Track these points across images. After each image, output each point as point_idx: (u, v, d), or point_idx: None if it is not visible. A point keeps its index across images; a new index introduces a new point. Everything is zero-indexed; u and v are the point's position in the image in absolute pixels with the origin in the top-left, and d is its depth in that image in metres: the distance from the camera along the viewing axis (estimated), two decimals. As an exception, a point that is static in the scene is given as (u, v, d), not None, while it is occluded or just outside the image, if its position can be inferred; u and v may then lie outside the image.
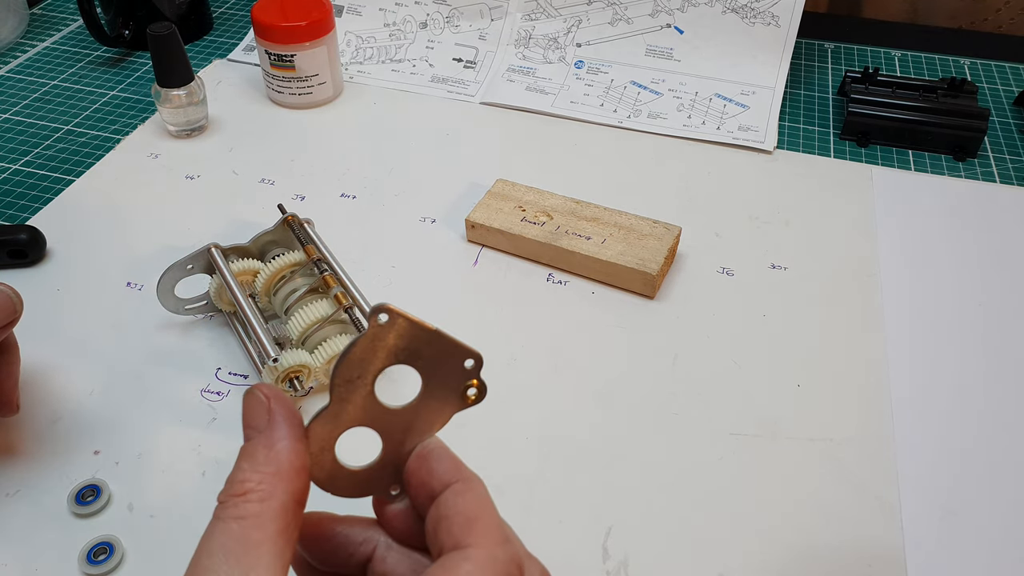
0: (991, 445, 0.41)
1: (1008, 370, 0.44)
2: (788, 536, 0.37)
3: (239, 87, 0.67)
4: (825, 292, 0.49)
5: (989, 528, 0.37)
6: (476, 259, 0.51)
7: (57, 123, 0.64)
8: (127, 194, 0.56)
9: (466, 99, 0.66)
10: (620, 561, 0.36)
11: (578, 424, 0.42)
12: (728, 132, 0.61)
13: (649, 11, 0.66)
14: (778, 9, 0.63)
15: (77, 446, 0.40)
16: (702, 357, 0.45)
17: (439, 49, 0.69)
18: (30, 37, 0.75)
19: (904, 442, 0.41)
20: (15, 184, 0.57)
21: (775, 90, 0.63)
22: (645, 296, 0.48)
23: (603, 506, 0.38)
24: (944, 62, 0.70)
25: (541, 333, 0.46)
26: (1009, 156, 0.60)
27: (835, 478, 0.39)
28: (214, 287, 0.45)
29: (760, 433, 0.41)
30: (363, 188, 0.57)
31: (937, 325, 0.47)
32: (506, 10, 0.69)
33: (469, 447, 0.40)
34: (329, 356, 0.41)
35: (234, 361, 0.45)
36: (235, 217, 0.54)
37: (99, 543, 0.36)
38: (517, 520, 0.37)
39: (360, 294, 0.42)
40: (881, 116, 0.60)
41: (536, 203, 0.52)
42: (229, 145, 0.61)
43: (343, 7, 0.71)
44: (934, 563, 0.36)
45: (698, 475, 0.39)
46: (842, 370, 0.44)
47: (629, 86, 0.65)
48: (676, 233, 0.49)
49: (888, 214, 0.54)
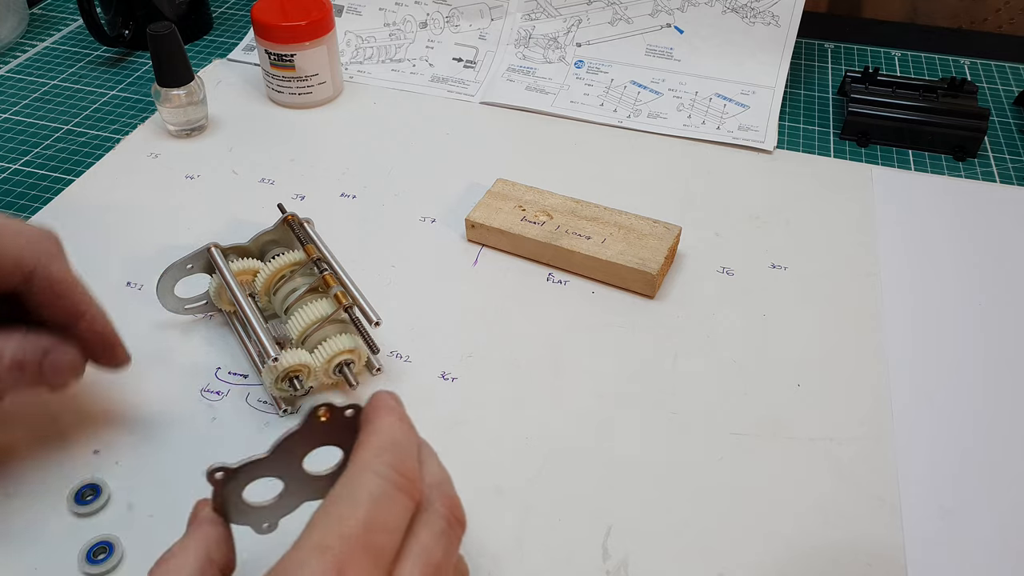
0: (991, 445, 0.41)
1: (1008, 370, 0.44)
2: (788, 536, 0.37)
3: (239, 87, 0.67)
4: (825, 292, 0.49)
5: (988, 527, 0.37)
6: (476, 259, 0.51)
7: (57, 123, 0.64)
8: (127, 194, 0.56)
9: (466, 99, 0.66)
10: (620, 561, 0.36)
11: (578, 424, 0.42)
12: (728, 132, 0.61)
13: (649, 11, 0.66)
14: (778, 9, 0.63)
15: (77, 446, 0.40)
16: (702, 357, 0.45)
17: (439, 49, 0.69)
18: (30, 37, 0.75)
19: (904, 442, 0.41)
20: (15, 184, 0.57)
21: (775, 90, 0.63)
22: (645, 296, 0.48)
23: (603, 506, 0.38)
24: (944, 62, 0.70)
25: (541, 333, 0.46)
26: (1009, 156, 0.60)
27: (835, 478, 0.39)
28: (214, 287, 0.45)
29: (760, 433, 0.41)
30: (363, 188, 0.57)
31: (937, 325, 0.47)
32: (506, 10, 0.69)
33: (469, 447, 0.41)
34: (329, 355, 0.41)
35: (234, 361, 0.45)
36: (235, 217, 0.54)
37: (99, 542, 0.36)
38: (517, 520, 0.38)
39: (360, 294, 0.42)
40: (881, 116, 0.60)
41: (536, 203, 0.52)
42: (229, 145, 0.61)
43: (343, 7, 0.71)
44: (934, 562, 0.36)
45: (698, 475, 0.39)
46: (842, 370, 0.44)
47: (629, 86, 0.65)
48: (676, 233, 0.49)
49: (888, 214, 0.54)
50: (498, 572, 0.36)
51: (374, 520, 0.25)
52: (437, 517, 0.27)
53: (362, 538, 0.24)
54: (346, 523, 0.25)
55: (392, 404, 0.29)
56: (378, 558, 0.25)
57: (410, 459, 0.28)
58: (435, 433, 0.41)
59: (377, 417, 0.29)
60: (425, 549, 0.26)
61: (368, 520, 0.25)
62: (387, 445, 0.27)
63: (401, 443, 0.28)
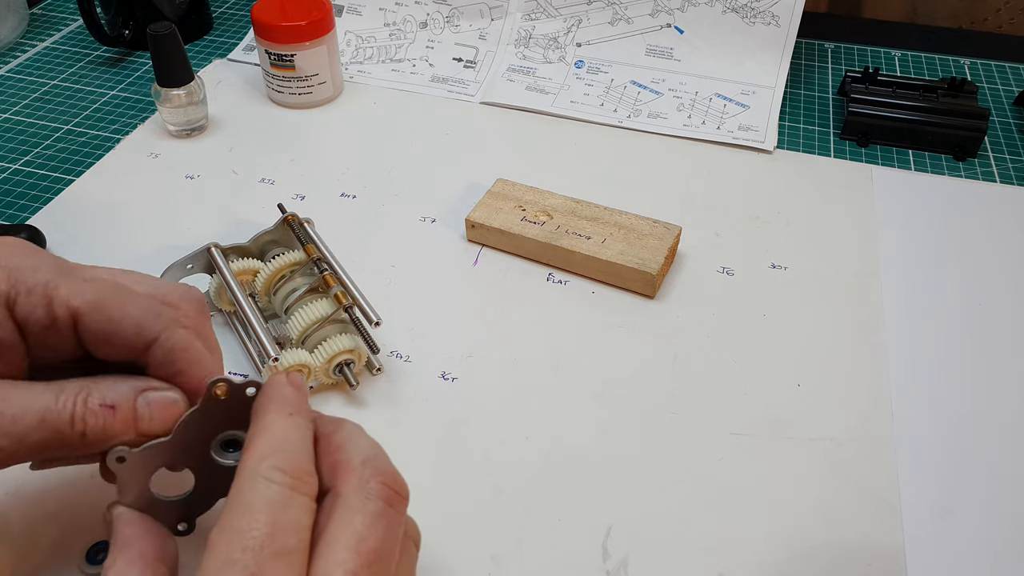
0: (990, 445, 0.41)
1: (1008, 370, 0.44)
2: (788, 535, 0.37)
3: (239, 87, 0.67)
4: (825, 292, 0.49)
5: (988, 527, 0.37)
6: (476, 259, 0.51)
7: (57, 123, 0.64)
8: (127, 194, 0.56)
9: (466, 99, 0.66)
10: (620, 561, 0.36)
11: (578, 424, 0.42)
12: (728, 132, 0.61)
13: (649, 11, 0.66)
14: (778, 9, 0.63)
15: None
16: (702, 357, 0.45)
17: (439, 49, 0.69)
18: (30, 37, 0.75)
19: (904, 442, 0.41)
20: (15, 184, 0.57)
21: (775, 90, 0.63)
22: (645, 296, 0.48)
23: (603, 506, 0.38)
24: (944, 62, 0.70)
25: (541, 332, 0.46)
26: (1009, 156, 0.60)
27: (835, 478, 0.39)
28: (214, 287, 0.45)
29: (760, 433, 0.41)
30: (363, 188, 0.57)
31: (937, 325, 0.47)
32: (506, 10, 0.69)
33: (469, 447, 0.41)
34: (329, 355, 0.41)
35: (234, 361, 0.45)
36: (235, 217, 0.54)
37: (99, 542, 0.36)
38: (517, 520, 0.38)
39: (360, 294, 0.42)
40: (881, 116, 0.60)
41: (536, 203, 0.52)
42: (229, 145, 0.61)
43: (343, 7, 0.71)
44: (934, 563, 0.36)
45: (698, 475, 0.39)
46: (842, 370, 0.44)
47: (629, 86, 0.65)
48: (676, 233, 0.49)
49: (888, 214, 0.54)
50: (498, 572, 0.36)
51: (277, 524, 0.24)
52: (372, 499, 0.26)
53: (269, 545, 0.24)
54: (249, 534, 0.24)
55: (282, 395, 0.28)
56: (291, 561, 0.24)
57: (299, 455, 0.26)
58: (435, 433, 0.41)
59: (264, 413, 0.28)
60: (358, 537, 0.25)
61: (271, 526, 0.24)
62: (275, 445, 0.26)
63: (290, 439, 0.27)
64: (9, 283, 0.29)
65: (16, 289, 0.29)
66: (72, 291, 0.29)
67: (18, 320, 0.29)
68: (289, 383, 0.29)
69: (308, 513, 0.25)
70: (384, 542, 0.26)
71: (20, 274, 0.29)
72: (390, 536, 0.26)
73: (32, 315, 0.29)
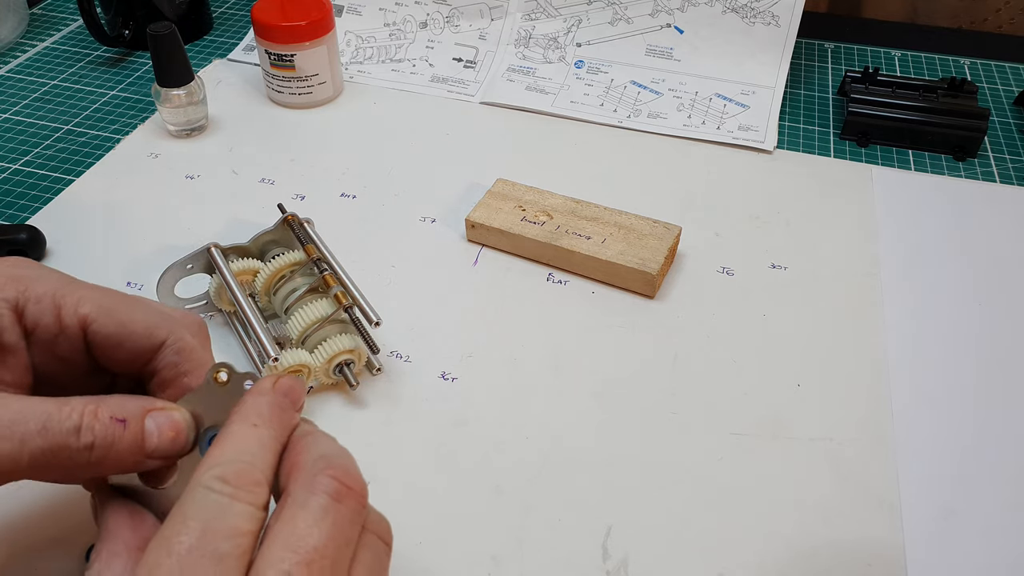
0: (991, 445, 0.41)
1: (1008, 370, 0.44)
2: (788, 536, 0.37)
3: (239, 87, 0.67)
4: (825, 292, 0.49)
5: (989, 528, 0.37)
6: (476, 259, 0.51)
7: (57, 123, 0.64)
8: (127, 194, 0.56)
9: (466, 99, 0.66)
10: (620, 561, 0.36)
11: (578, 424, 0.42)
12: (728, 132, 0.61)
13: (649, 11, 0.66)
14: (778, 9, 0.63)
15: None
16: (702, 357, 0.45)
17: (439, 49, 0.69)
18: (30, 37, 0.75)
19: (904, 442, 0.41)
20: (15, 184, 0.57)
21: (775, 90, 0.63)
22: (645, 296, 0.48)
23: (603, 506, 0.38)
24: (944, 62, 0.70)
25: (541, 332, 0.46)
26: (1009, 156, 0.60)
27: (835, 478, 0.39)
28: (214, 287, 0.45)
29: (760, 433, 0.41)
30: (363, 188, 0.57)
31: (937, 325, 0.47)
32: (506, 10, 0.69)
33: (469, 447, 0.41)
34: (329, 355, 0.41)
35: (234, 361, 0.44)
36: (235, 217, 0.54)
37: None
38: (517, 520, 0.38)
39: (360, 294, 0.42)
40: (881, 116, 0.60)
41: (536, 203, 0.52)
42: (229, 145, 0.61)
43: (343, 7, 0.71)
44: (934, 563, 0.36)
45: (698, 475, 0.39)
46: (842, 370, 0.44)
47: (629, 86, 0.65)
48: (676, 233, 0.49)
49: (888, 214, 0.54)
50: (498, 572, 0.36)
51: (208, 530, 0.24)
52: (316, 494, 0.25)
53: (197, 549, 0.23)
54: (177, 539, 0.23)
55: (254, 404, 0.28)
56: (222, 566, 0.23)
57: (248, 466, 0.26)
58: (435, 433, 0.41)
59: (230, 422, 0.27)
60: (297, 535, 0.24)
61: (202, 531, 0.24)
62: (226, 456, 0.26)
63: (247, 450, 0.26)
64: (18, 291, 0.29)
65: (25, 296, 0.29)
66: (81, 298, 0.30)
67: (27, 328, 0.29)
68: (275, 390, 0.28)
69: (249, 520, 0.24)
70: (330, 539, 0.25)
71: (29, 283, 0.29)
72: (337, 533, 0.25)
73: (41, 322, 0.29)
